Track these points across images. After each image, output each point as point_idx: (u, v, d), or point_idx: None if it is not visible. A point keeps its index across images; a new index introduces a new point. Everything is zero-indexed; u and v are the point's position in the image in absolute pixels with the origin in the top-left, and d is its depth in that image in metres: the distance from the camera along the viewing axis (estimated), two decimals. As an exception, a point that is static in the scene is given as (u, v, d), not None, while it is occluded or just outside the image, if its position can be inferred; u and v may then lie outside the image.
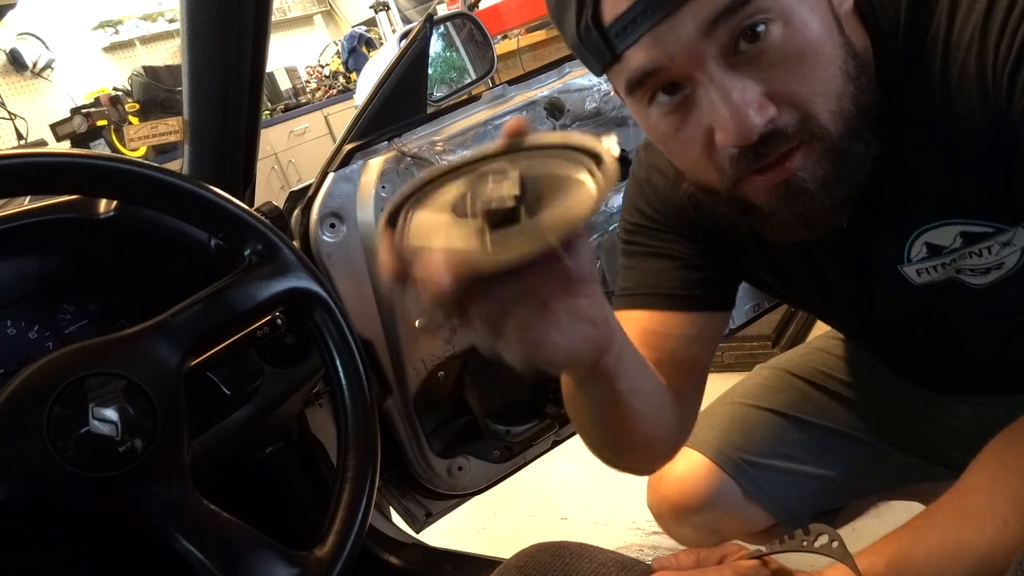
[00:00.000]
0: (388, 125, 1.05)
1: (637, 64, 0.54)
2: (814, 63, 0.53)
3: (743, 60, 0.52)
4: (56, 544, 0.65)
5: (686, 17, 0.50)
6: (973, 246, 0.61)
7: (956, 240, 0.61)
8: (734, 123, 0.52)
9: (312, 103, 5.17)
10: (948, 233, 0.61)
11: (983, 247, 0.61)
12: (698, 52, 0.51)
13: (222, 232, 0.68)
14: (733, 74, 0.52)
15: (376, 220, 1.01)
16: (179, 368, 0.59)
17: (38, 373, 0.54)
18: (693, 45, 0.51)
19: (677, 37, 0.51)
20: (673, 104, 0.55)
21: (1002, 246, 0.61)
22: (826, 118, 0.54)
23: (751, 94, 0.52)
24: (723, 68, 0.52)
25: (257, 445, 0.96)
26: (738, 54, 0.52)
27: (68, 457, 0.52)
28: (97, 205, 0.78)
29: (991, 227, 0.60)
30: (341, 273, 1.01)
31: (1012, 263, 0.62)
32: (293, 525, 0.93)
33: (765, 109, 0.52)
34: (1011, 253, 0.61)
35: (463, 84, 1.28)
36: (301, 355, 0.83)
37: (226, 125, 0.90)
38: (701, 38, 0.51)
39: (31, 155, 0.58)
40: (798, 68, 0.52)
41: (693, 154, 0.57)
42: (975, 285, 0.64)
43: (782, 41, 0.51)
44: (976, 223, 0.60)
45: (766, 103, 0.52)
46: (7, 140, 4.16)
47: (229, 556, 0.56)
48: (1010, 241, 0.60)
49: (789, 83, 0.53)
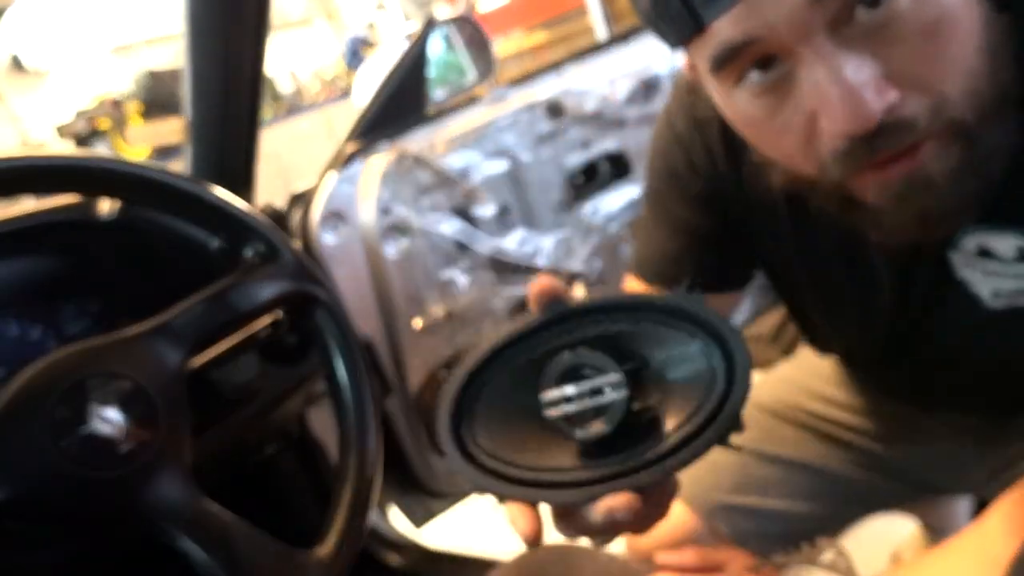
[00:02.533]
0: (389, 126, 1.05)
1: (727, 36, 0.45)
2: (950, 38, 0.44)
3: (860, 32, 0.43)
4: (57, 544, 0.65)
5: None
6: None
7: (1014, 252, 0.53)
8: (846, 108, 0.43)
9: (313, 104, 5.17)
10: (1009, 243, 0.53)
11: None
12: (805, 21, 0.42)
13: (223, 233, 0.69)
14: (846, 49, 0.43)
15: (376, 220, 1.01)
16: (180, 368, 0.59)
17: (40, 373, 0.54)
18: (799, 12, 0.42)
19: (780, 4, 0.42)
20: (767, 83, 0.46)
21: None
22: (961, 100, 0.45)
23: (868, 73, 0.43)
24: (834, 41, 0.43)
25: (258, 445, 0.96)
26: (854, 24, 0.43)
27: (71, 457, 0.52)
28: (99, 206, 0.78)
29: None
30: (341, 273, 1.01)
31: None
32: (293, 525, 0.93)
33: (885, 93, 0.43)
34: None
35: (463, 86, 1.28)
36: (301, 355, 0.84)
37: (226, 125, 0.90)
38: (809, 6, 0.42)
39: (32, 156, 0.59)
40: (930, 44, 0.43)
41: (789, 144, 0.49)
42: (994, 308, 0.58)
43: (911, 10, 0.42)
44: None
45: (887, 86, 0.43)
46: (9, 141, 4.17)
47: (230, 555, 0.57)
48: None
49: (917, 62, 0.44)
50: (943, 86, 0.44)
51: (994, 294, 0.57)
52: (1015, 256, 0.53)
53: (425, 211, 1.05)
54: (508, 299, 1.13)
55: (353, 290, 1.02)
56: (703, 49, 0.47)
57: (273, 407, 0.81)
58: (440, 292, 1.08)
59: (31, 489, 0.52)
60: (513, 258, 1.13)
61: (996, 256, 0.54)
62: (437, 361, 1.10)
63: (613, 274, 1.22)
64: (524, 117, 1.11)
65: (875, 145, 0.45)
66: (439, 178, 1.06)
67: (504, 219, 1.12)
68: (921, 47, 0.43)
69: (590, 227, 1.19)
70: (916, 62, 0.44)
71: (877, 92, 0.43)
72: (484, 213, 1.10)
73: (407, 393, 1.08)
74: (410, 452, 1.11)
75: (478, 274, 1.11)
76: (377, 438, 0.70)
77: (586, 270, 1.19)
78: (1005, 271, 0.54)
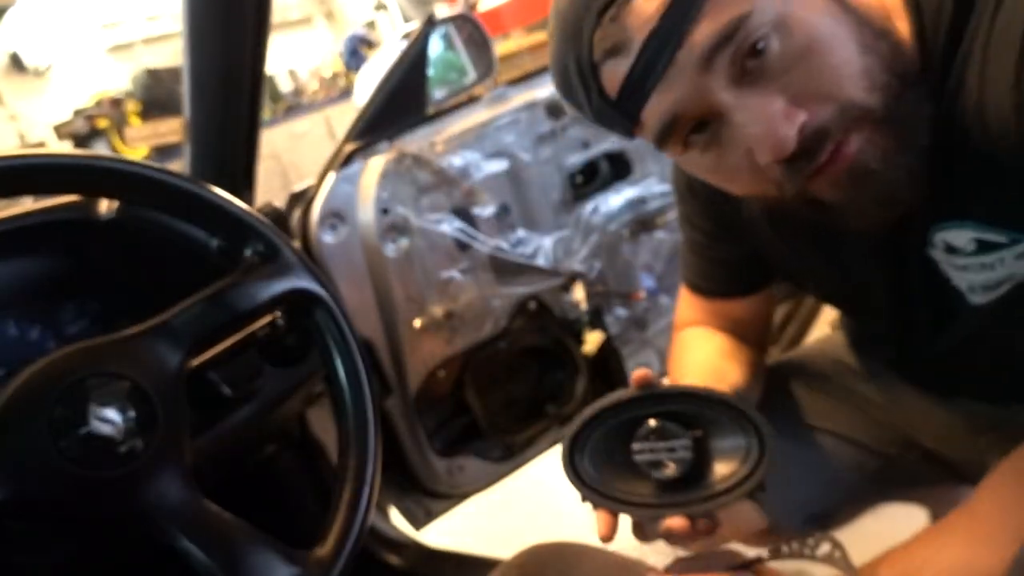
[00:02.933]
0: (388, 126, 1.05)
1: (656, 120, 0.55)
2: (827, 53, 0.51)
3: (754, 77, 0.51)
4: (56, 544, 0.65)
5: (682, 62, 0.51)
6: (984, 256, 0.60)
7: (970, 244, 0.60)
8: (768, 140, 0.51)
9: (313, 104, 5.17)
10: (963, 236, 0.60)
11: (995, 258, 0.59)
12: (707, 89, 0.52)
13: (222, 232, 0.69)
14: (751, 92, 0.52)
15: (376, 220, 1.01)
16: (180, 368, 0.59)
17: (39, 373, 0.54)
18: (699, 84, 0.52)
19: (681, 83, 0.52)
20: (707, 140, 0.56)
21: (1015, 258, 0.59)
22: (861, 96, 0.52)
23: (775, 106, 0.51)
24: (738, 92, 0.52)
25: (258, 445, 0.96)
26: (747, 74, 0.51)
27: (70, 457, 0.52)
28: (98, 206, 0.78)
29: (1008, 237, 0.58)
30: (341, 273, 1.01)
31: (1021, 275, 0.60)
32: (293, 525, 0.93)
33: (794, 116, 0.51)
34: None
35: (463, 85, 1.28)
36: (301, 355, 0.83)
37: (226, 125, 0.90)
38: (704, 75, 0.51)
39: (32, 155, 0.59)
40: (811, 64, 0.51)
41: (744, 178, 0.58)
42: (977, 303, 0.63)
43: (785, 47, 0.51)
44: (992, 231, 0.58)
45: (793, 110, 0.51)
46: (8, 141, 4.17)
47: (230, 555, 0.56)
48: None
49: (809, 81, 0.51)
50: (839, 91, 0.52)
51: (970, 288, 0.63)
52: (974, 249, 0.59)
53: (425, 211, 1.05)
54: (508, 299, 1.13)
55: (353, 290, 1.02)
56: (647, 134, 0.57)
57: (273, 407, 0.81)
58: (440, 292, 1.08)
59: (30, 489, 0.52)
60: (513, 258, 1.13)
61: (959, 250, 0.60)
62: (437, 361, 1.10)
63: (613, 274, 1.22)
64: (524, 117, 1.11)
65: (807, 155, 0.52)
66: (439, 178, 1.06)
67: (504, 219, 1.12)
68: (807, 69, 0.51)
69: (590, 227, 1.19)
70: (808, 82, 0.51)
71: (787, 118, 0.51)
72: (484, 213, 1.10)
73: (407, 393, 1.08)
74: (410, 452, 1.11)
75: (478, 274, 1.11)
76: (377, 438, 0.70)
77: (586, 270, 1.19)
78: (970, 264, 0.60)
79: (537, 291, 1.15)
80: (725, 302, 0.86)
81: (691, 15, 0.50)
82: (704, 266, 0.85)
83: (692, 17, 0.50)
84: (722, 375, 0.76)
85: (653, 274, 1.26)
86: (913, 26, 0.55)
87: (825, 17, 0.52)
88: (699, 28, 0.50)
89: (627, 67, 0.53)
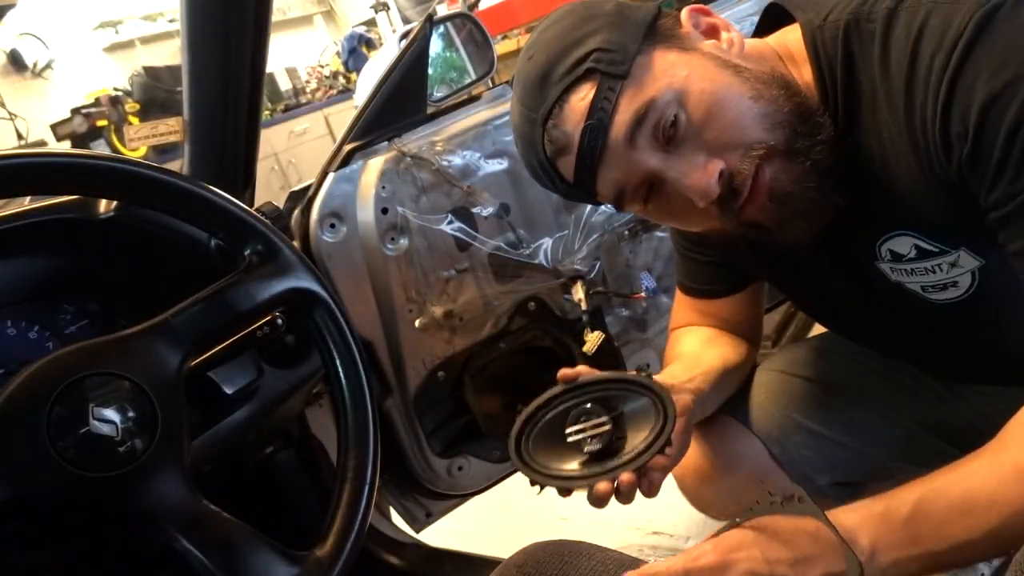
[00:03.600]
0: (388, 125, 1.05)
1: (609, 191, 0.68)
2: (726, 109, 0.63)
3: (676, 142, 0.64)
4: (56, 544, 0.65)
5: (613, 146, 0.64)
6: (925, 261, 0.68)
7: (912, 251, 0.68)
8: (696, 190, 0.63)
9: (312, 103, 5.17)
10: (905, 243, 0.68)
11: (934, 264, 0.68)
12: (637, 161, 0.65)
13: (222, 232, 0.68)
14: (675, 156, 0.64)
15: (376, 220, 1.01)
16: (179, 368, 0.59)
17: (38, 373, 0.54)
18: (631, 160, 0.65)
19: (617, 163, 0.65)
20: (656, 196, 0.68)
21: (950, 266, 0.67)
22: (763, 136, 0.63)
23: (696, 162, 0.63)
24: (664, 157, 0.64)
25: (257, 445, 0.96)
26: (670, 141, 0.64)
27: (68, 457, 0.52)
28: (97, 205, 0.78)
29: (936, 247, 0.67)
30: (341, 273, 1.01)
31: (965, 284, 0.68)
32: (293, 525, 0.93)
33: (713, 166, 0.63)
34: (962, 274, 0.67)
35: (463, 84, 1.28)
36: (301, 355, 0.83)
37: (226, 125, 0.90)
38: (632, 152, 0.64)
39: (31, 155, 0.58)
40: (716, 122, 0.63)
41: (695, 219, 0.69)
42: (937, 300, 0.70)
43: (692, 114, 0.63)
44: (924, 240, 0.67)
45: (712, 160, 0.63)
46: (7, 140, 4.16)
47: (229, 556, 0.56)
48: (956, 262, 0.67)
49: (718, 135, 0.63)
50: (743, 136, 0.63)
51: (923, 289, 0.71)
52: (915, 255, 0.68)
53: (425, 211, 1.05)
54: (508, 299, 1.13)
55: (353, 290, 1.02)
56: (607, 201, 0.71)
57: (273, 407, 0.81)
58: (440, 292, 1.08)
59: (29, 490, 0.52)
60: (513, 258, 1.13)
61: (903, 256, 0.69)
62: (437, 361, 1.09)
63: (613, 274, 1.22)
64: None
65: (733, 195, 0.64)
66: (439, 178, 1.05)
67: (504, 219, 1.11)
68: (714, 126, 0.63)
69: (590, 227, 1.19)
70: (718, 136, 0.63)
71: (706, 170, 0.63)
72: (484, 213, 1.10)
73: (407, 393, 1.08)
74: (410, 452, 1.11)
75: (478, 274, 1.11)
76: (377, 438, 0.70)
77: (586, 270, 1.18)
78: (916, 268, 0.69)
79: (537, 291, 1.15)
80: (711, 301, 0.94)
81: (609, 110, 0.63)
82: (690, 268, 0.95)
83: (610, 111, 0.63)
84: (698, 361, 0.86)
85: (653, 274, 1.26)
86: (814, 70, 0.66)
87: (719, 83, 0.63)
88: (619, 117, 0.63)
89: (574, 160, 0.66)
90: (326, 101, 5.15)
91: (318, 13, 5.93)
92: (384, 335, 1.05)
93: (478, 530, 1.71)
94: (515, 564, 0.70)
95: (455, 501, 1.20)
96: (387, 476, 1.15)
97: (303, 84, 5.39)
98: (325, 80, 5.44)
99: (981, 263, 0.66)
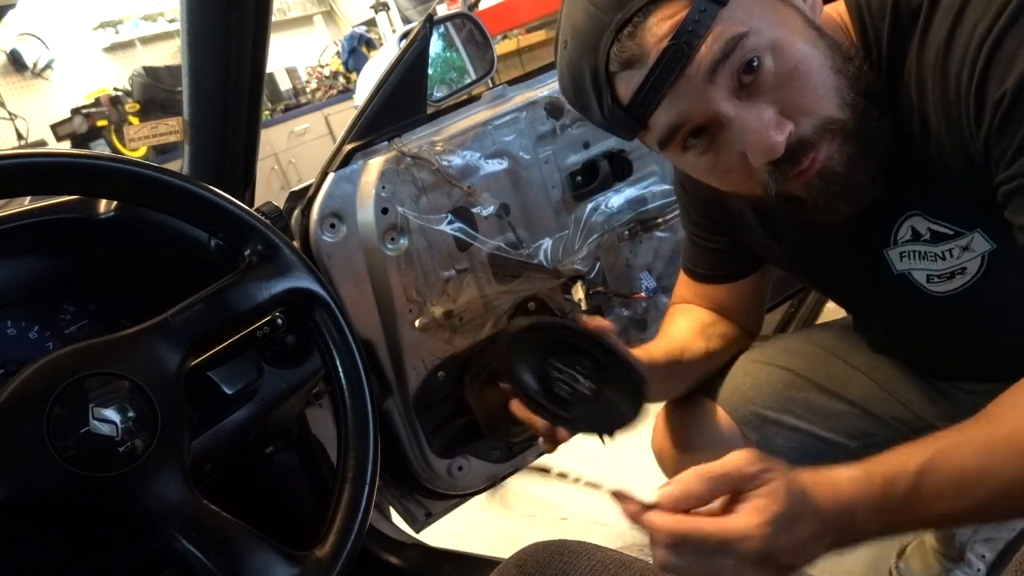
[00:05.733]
0: (388, 125, 1.05)
1: (663, 125, 0.63)
2: (809, 73, 0.60)
3: (750, 91, 0.60)
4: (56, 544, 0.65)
5: (690, 75, 0.59)
6: (938, 246, 0.68)
7: (927, 233, 0.69)
8: (761, 145, 0.60)
9: (312, 103, 5.17)
10: (921, 225, 0.69)
11: (945, 249, 0.68)
12: (710, 99, 0.60)
13: (222, 232, 0.68)
14: (747, 104, 0.60)
15: (376, 220, 1.01)
16: (179, 368, 0.59)
17: (38, 373, 0.54)
18: (704, 95, 0.60)
19: (688, 93, 0.60)
20: (704, 144, 0.64)
21: (962, 250, 0.67)
22: (835, 112, 0.61)
23: (767, 116, 0.60)
24: (736, 103, 0.60)
25: (257, 445, 0.96)
26: (744, 88, 0.60)
27: (68, 457, 0.52)
28: (97, 205, 0.78)
29: (951, 229, 0.67)
30: (341, 273, 1.01)
31: (973, 270, 0.68)
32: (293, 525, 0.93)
33: (783, 126, 0.60)
34: (972, 259, 0.67)
35: (463, 84, 1.28)
36: (301, 355, 0.83)
37: (226, 125, 0.90)
38: (708, 87, 0.60)
39: (31, 155, 0.58)
40: (797, 82, 0.60)
41: (735, 178, 0.66)
42: (937, 293, 0.71)
43: (776, 66, 0.59)
44: (941, 224, 0.67)
45: (783, 120, 0.60)
46: (7, 140, 4.17)
47: (229, 556, 0.56)
48: (969, 246, 0.67)
49: (795, 97, 0.60)
50: (819, 107, 0.61)
51: (928, 279, 0.71)
52: (930, 237, 0.68)
53: (425, 211, 1.05)
54: (508, 299, 1.13)
55: (353, 290, 1.02)
56: (648, 138, 0.66)
57: (273, 407, 0.81)
58: (440, 292, 1.08)
59: (29, 489, 0.52)
60: (513, 258, 1.13)
61: (921, 237, 0.69)
62: (437, 361, 1.09)
63: (612, 274, 1.22)
64: (524, 116, 1.11)
65: (792, 160, 0.61)
66: (439, 178, 1.05)
67: (504, 219, 1.12)
68: (793, 86, 0.60)
69: (590, 227, 1.19)
70: (795, 98, 0.60)
71: (777, 128, 0.60)
72: (484, 213, 1.10)
73: (407, 393, 1.08)
74: (410, 452, 1.11)
75: (478, 274, 1.11)
76: (377, 438, 0.70)
77: (586, 270, 1.18)
78: (928, 251, 0.69)
79: (537, 291, 1.15)
80: (711, 286, 0.96)
81: (698, 34, 0.58)
82: (695, 253, 0.96)
83: (699, 36, 0.58)
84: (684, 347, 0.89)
85: (653, 274, 1.26)
86: (860, 45, 0.65)
87: (809, 43, 0.61)
88: (706, 45, 0.58)
89: (642, 77, 0.60)
90: (326, 101, 5.15)
91: (318, 13, 5.93)
92: (384, 335, 1.05)
93: (478, 530, 1.71)
94: (515, 564, 0.70)
95: (455, 501, 1.20)
96: (387, 476, 1.15)
97: (303, 84, 5.39)
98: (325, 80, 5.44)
99: (992, 247, 0.66)
